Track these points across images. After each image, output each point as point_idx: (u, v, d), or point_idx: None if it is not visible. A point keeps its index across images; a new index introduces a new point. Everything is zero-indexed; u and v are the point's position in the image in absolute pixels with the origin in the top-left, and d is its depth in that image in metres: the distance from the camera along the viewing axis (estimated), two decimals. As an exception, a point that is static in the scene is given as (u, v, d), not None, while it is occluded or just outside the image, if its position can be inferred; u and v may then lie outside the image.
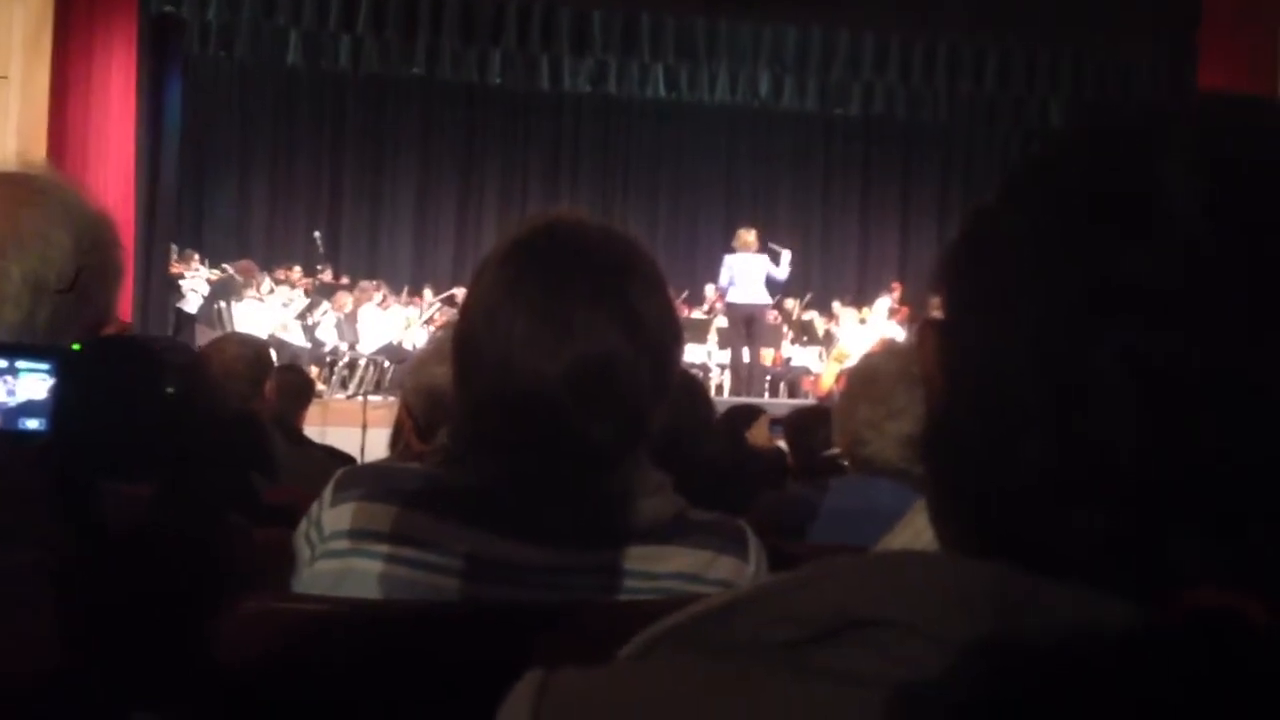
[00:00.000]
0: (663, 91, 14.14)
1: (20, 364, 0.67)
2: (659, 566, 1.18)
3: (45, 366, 0.67)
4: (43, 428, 0.66)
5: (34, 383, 0.66)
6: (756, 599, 0.50)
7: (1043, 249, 0.49)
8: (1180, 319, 0.45)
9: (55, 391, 0.66)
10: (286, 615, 1.08)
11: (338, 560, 1.16)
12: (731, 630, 0.50)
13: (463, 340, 1.19)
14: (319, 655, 1.07)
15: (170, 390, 0.67)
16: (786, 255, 11.70)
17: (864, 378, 2.22)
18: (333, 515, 1.17)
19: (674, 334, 1.20)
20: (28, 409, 0.66)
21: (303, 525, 1.22)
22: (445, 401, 1.89)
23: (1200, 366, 0.44)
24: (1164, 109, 0.50)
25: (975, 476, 0.50)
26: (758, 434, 4.76)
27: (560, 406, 1.12)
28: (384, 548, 1.15)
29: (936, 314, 0.54)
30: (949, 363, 0.52)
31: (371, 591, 1.15)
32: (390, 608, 1.13)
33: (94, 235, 1.18)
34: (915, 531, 1.19)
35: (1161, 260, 0.45)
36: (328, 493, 1.20)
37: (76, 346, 0.67)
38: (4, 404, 0.65)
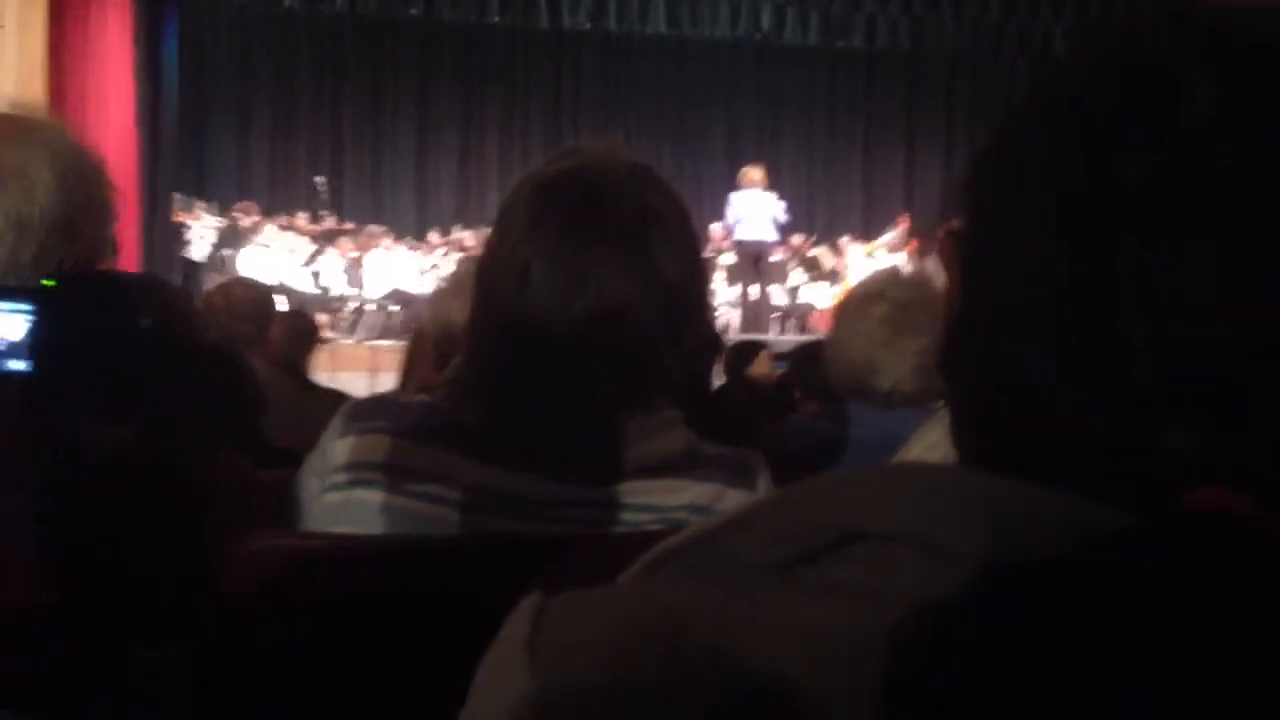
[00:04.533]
0: (663, 27, 13.99)
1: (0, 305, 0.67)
2: (667, 500, 1.19)
3: (26, 307, 0.66)
4: (26, 368, 0.66)
5: (16, 324, 0.66)
6: (754, 518, 0.50)
7: (1059, 156, 0.49)
8: (1192, 225, 0.45)
9: (32, 330, 0.66)
10: (285, 551, 1.09)
11: (343, 492, 1.17)
12: (730, 550, 0.50)
13: (482, 273, 1.20)
14: (319, 590, 1.08)
15: (145, 323, 0.67)
16: (783, 206, 11.61)
17: (838, 304, 2.22)
18: (340, 447, 1.18)
19: (696, 287, 1.20)
20: (11, 350, 0.66)
21: (310, 458, 1.22)
22: (459, 336, 1.89)
23: (1210, 272, 0.44)
24: (1180, 13, 0.50)
25: (985, 384, 0.50)
26: (760, 369, 4.78)
27: (568, 356, 1.12)
28: (388, 479, 1.16)
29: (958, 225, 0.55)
30: (965, 272, 0.53)
31: (375, 523, 1.15)
32: (391, 541, 1.14)
33: (79, 171, 1.16)
34: (926, 446, 1.19)
35: (1176, 166, 0.45)
36: (335, 424, 1.20)
37: (49, 283, 0.66)
38: None
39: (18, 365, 0.67)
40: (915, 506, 0.46)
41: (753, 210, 11.24)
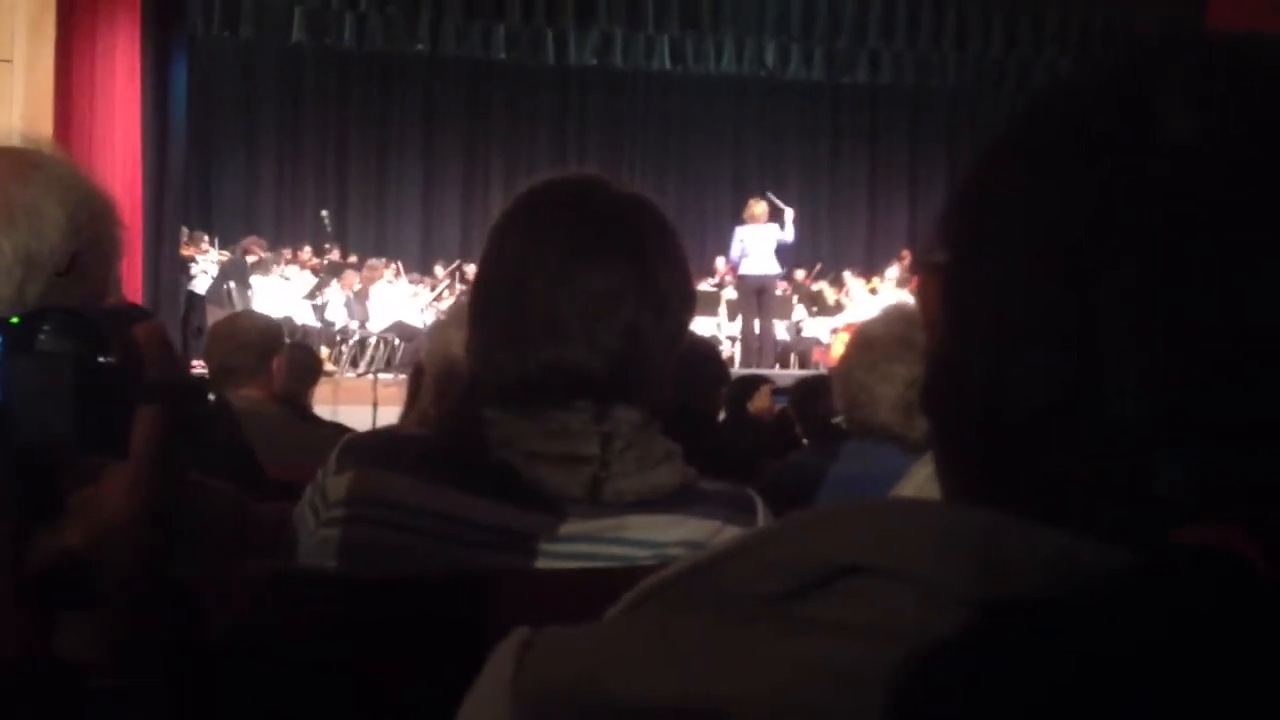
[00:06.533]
0: (668, 63, 14.09)
1: None
2: (663, 535, 1.18)
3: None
4: None
5: None
6: (743, 552, 0.49)
7: (1040, 189, 0.48)
8: (1175, 257, 0.44)
9: (1, 364, 0.66)
10: (274, 583, 1.08)
11: (339, 528, 1.16)
12: (718, 584, 0.49)
13: (481, 287, 1.25)
14: (307, 623, 1.07)
15: (106, 360, 0.67)
16: (790, 214, 11.68)
17: (860, 341, 2.23)
18: (336, 483, 1.18)
19: (682, 294, 1.24)
20: None
21: (308, 493, 1.22)
22: (460, 368, 1.89)
23: (1200, 303, 0.43)
24: (1161, 45, 0.49)
25: (971, 420, 0.50)
26: (760, 403, 4.79)
27: (564, 334, 1.16)
28: (384, 515, 1.15)
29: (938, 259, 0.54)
30: (948, 306, 0.52)
31: (370, 559, 1.15)
32: (381, 575, 1.13)
33: (90, 211, 1.16)
34: (916, 487, 1.18)
35: (1155, 198, 0.45)
36: (332, 460, 1.20)
37: (15, 320, 0.67)
38: None
39: None
40: (906, 542, 0.45)
41: (757, 244, 11.29)
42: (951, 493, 0.52)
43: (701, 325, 11.48)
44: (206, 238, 12.99)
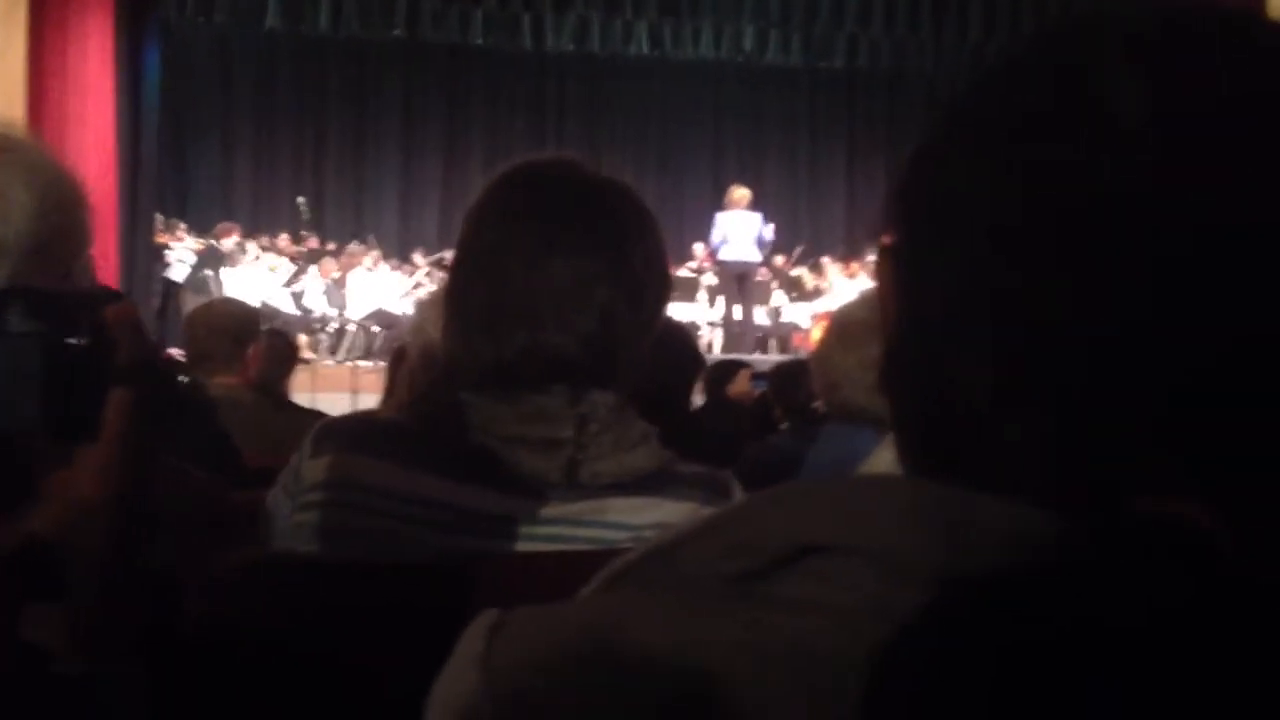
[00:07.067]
0: (646, 48, 14.06)
1: None
2: (638, 518, 1.18)
3: None
4: None
5: None
6: (709, 531, 0.50)
7: (980, 169, 0.48)
8: (1126, 232, 0.44)
9: None
10: (249, 569, 1.08)
11: (315, 512, 1.16)
12: (686, 564, 0.49)
13: (457, 272, 1.25)
14: (282, 610, 1.07)
15: (76, 341, 0.66)
16: (770, 228, 11.66)
17: (838, 325, 2.24)
18: (312, 467, 1.18)
19: (658, 276, 1.25)
20: None
21: (282, 477, 1.22)
22: (437, 356, 1.89)
23: (1146, 280, 0.44)
24: (1099, 21, 0.49)
25: (923, 398, 0.50)
26: (738, 388, 4.81)
27: (539, 318, 1.16)
28: (358, 499, 1.15)
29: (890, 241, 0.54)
30: (900, 288, 0.52)
31: (345, 543, 1.15)
32: (354, 560, 1.14)
33: (58, 195, 1.14)
34: (886, 465, 1.19)
35: (1107, 173, 0.45)
36: (307, 445, 1.20)
37: None
38: None
39: None
40: (869, 519, 0.46)
41: (738, 230, 11.28)
42: (911, 470, 0.53)
43: (683, 311, 11.49)
44: (183, 225, 12.91)
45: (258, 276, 11.99)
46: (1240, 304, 0.43)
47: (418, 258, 13.69)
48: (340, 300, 12.03)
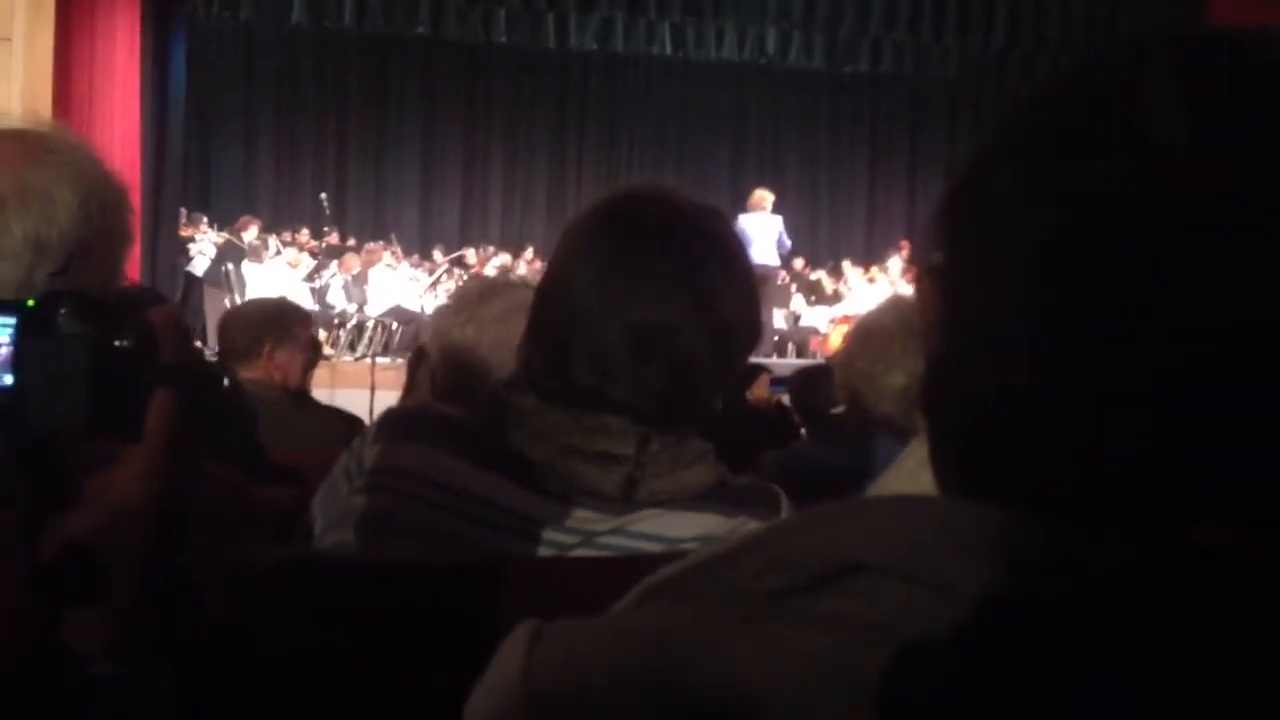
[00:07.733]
0: (669, 49, 14.02)
1: None
2: (687, 531, 1.18)
3: (13, 321, 0.67)
4: (9, 383, 0.66)
5: (6, 339, 0.66)
6: (750, 547, 0.50)
7: (1030, 187, 0.48)
8: (1166, 254, 0.44)
9: (15, 347, 0.66)
10: (274, 568, 1.09)
11: (367, 496, 1.17)
12: (726, 580, 0.50)
13: (541, 295, 1.23)
14: (310, 610, 1.07)
15: (122, 343, 0.67)
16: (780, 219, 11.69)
17: (862, 332, 2.23)
18: (373, 453, 1.19)
19: (749, 327, 1.22)
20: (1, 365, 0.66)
21: (344, 460, 1.23)
22: (460, 354, 1.90)
23: (1196, 301, 0.44)
24: (1147, 42, 0.49)
25: (972, 418, 0.50)
26: (758, 392, 4.80)
27: (611, 368, 1.14)
28: (410, 488, 1.16)
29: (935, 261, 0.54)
30: (946, 307, 0.52)
31: (390, 531, 1.16)
32: (383, 560, 1.14)
33: (101, 197, 1.15)
34: (909, 472, 1.19)
35: (1142, 195, 0.45)
36: (371, 430, 1.22)
37: (31, 302, 0.67)
38: None
39: (7, 379, 0.67)
40: (911, 540, 0.46)
41: (758, 234, 11.28)
42: (947, 488, 0.53)
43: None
44: (205, 219, 12.96)
45: (278, 272, 12.02)
46: None
47: (438, 255, 13.72)
48: (361, 296, 12.05)
